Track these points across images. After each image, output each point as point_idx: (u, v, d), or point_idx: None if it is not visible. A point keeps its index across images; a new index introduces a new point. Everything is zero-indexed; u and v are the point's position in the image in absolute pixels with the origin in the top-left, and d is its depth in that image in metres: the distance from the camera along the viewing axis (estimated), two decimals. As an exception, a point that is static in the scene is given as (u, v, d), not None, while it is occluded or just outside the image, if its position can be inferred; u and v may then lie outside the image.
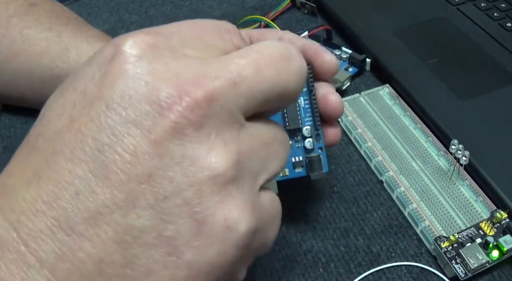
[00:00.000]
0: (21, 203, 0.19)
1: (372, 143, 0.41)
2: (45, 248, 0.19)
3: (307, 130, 0.32)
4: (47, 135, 0.21)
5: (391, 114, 0.43)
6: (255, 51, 0.22)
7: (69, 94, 0.21)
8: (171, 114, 0.19)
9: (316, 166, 0.32)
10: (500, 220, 0.34)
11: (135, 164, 0.19)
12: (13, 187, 0.20)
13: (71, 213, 0.19)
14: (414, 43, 0.48)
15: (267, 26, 0.50)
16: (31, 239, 0.19)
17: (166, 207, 0.19)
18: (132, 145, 0.19)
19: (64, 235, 0.19)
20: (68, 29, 0.42)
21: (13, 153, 0.23)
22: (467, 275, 0.32)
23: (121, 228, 0.19)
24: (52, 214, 0.19)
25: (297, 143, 0.32)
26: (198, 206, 0.20)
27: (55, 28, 0.42)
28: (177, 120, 0.19)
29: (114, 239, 0.19)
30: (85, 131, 0.19)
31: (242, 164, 0.21)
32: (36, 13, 0.43)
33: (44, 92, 0.43)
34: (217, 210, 0.20)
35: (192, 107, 0.19)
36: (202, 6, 0.59)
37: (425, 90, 0.44)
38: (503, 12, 0.50)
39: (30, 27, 0.42)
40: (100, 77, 0.20)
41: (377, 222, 0.37)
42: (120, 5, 0.60)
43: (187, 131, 0.19)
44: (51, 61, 0.41)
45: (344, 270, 0.34)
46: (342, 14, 0.52)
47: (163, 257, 0.20)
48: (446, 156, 0.39)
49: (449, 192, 0.37)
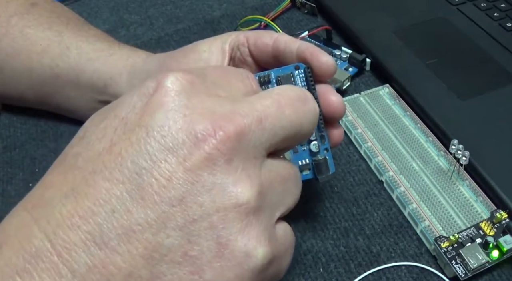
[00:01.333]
0: (57, 216, 0.21)
1: (372, 143, 0.41)
2: (78, 260, 0.20)
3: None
4: (87, 155, 0.22)
5: (391, 114, 0.43)
6: (276, 93, 0.25)
7: (111, 120, 0.23)
8: (206, 146, 0.21)
9: (323, 169, 0.32)
10: (500, 220, 0.34)
11: (169, 188, 0.21)
12: (50, 200, 0.21)
13: (105, 229, 0.20)
14: (414, 43, 0.48)
15: (267, 26, 0.50)
16: (64, 251, 0.20)
17: (193, 229, 0.21)
18: (168, 170, 0.21)
19: (97, 248, 0.20)
20: (69, 29, 0.43)
21: (13, 153, 0.23)
22: (467, 275, 0.32)
23: (151, 246, 0.21)
24: (87, 228, 0.20)
25: (302, 146, 0.32)
26: (222, 231, 0.22)
27: (55, 27, 0.42)
28: (211, 152, 0.21)
29: (143, 255, 0.20)
30: (125, 155, 0.21)
31: (263, 197, 0.23)
32: (36, 12, 0.43)
33: (44, 92, 0.43)
34: (239, 236, 0.22)
35: (225, 140, 0.22)
36: (202, 6, 0.59)
37: (425, 90, 0.44)
38: (503, 12, 0.50)
39: (31, 27, 0.42)
40: (141, 107, 0.22)
41: (377, 222, 0.37)
42: (120, 5, 0.60)
43: (219, 162, 0.22)
44: (51, 60, 0.41)
45: (344, 270, 0.34)
46: (342, 14, 0.52)
47: (186, 275, 0.21)
48: (446, 156, 0.39)
49: (449, 192, 0.37)
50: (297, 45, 0.33)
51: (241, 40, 0.36)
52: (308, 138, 0.30)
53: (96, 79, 0.40)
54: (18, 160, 0.43)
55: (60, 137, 0.45)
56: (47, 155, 0.43)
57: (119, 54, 0.41)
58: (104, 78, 0.40)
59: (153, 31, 0.56)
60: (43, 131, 0.46)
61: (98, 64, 0.40)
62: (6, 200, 0.40)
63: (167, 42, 0.54)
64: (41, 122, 0.46)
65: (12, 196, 0.41)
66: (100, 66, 0.40)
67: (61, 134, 0.45)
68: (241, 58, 0.36)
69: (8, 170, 0.43)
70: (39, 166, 0.43)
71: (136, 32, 0.56)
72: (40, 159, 0.43)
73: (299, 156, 0.32)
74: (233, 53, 0.36)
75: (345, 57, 0.48)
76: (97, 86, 0.40)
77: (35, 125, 0.46)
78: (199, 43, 0.37)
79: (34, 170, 0.42)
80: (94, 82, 0.40)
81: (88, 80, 0.41)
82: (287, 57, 0.34)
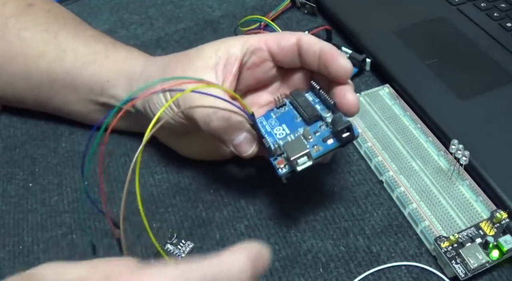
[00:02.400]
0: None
1: (372, 143, 0.41)
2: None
3: (323, 110, 0.34)
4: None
5: (391, 114, 0.43)
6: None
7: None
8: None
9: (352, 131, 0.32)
10: (500, 220, 0.34)
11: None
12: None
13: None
14: (414, 43, 0.48)
15: (267, 26, 0.50)
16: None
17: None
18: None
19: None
20: (65, 30, 0.42)
21: (13, 153, 0.23)
22: (467, 275, 0.32)
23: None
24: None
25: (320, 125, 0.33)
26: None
27: (51, 29, 0.42)
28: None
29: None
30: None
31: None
32: (33, 13, 0.43)
33: (42, 96, 0.43)
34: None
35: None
36: (202, 6, 0.59)
37: (425, 90, 0.44)
38: (503, 12, 0.50)
39: (27, 29, 0.42)
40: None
41: (377, 222, 0.37)
42: (120, 5, 0.60)
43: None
44: (48, 64, 0.41)
45: (344, 270, 0.34)
46: (342, 14, 0.52)
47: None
48: (446, 156, 0.39)
49: (449, 192, 0.37)
50: (319, 46, 0.34)
51: (257, 44, 0.36)
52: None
53: (94, 83, 0.40)
54: (18, 160, 0.43)
55: (60, 137, 0.45)
56: (47, 155, 0.43)
57: (114, 57, 0.40)
58: (101, 82, 0.40)
59: (153, 31, 0.56)
60: (43, 131, 0.46)
61: (94, 67, 0.40)
62: (6, 200, 0.41)
63: (167, 42, 0.54)
64: (41, 122, 0.46)
65: (12, 196, 0.41)
66: (96, 69, 0.40)
67: (61, 134, 0.45)
68: (256, 62, 0.36)
69: (8, 170, 0.43)
70: (39, 166, 0.43)
71: (136, 32, 0.56)
72: (40, 159, 0.43)
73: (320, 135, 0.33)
74: (245, 58, 0.36)
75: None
76: (95, 89, 0.40)
77: (35, 125, 0.46)
78: (204, 47, 0.36)
79: (34, 170, 0.42)
80: (92, 85, 0.40)
81: (85, 84, 0.41)
82: (310, 57, 0.35)
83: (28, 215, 0.39)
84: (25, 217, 0.39)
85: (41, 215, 0.39)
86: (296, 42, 0.35)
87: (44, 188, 0.41)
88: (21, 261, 0.37)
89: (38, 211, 0.40)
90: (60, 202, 0.40)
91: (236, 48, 0.35)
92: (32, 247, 0.37)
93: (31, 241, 0.38)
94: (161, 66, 0.38)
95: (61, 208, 0.40)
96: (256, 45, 0.36)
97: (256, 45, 0.36)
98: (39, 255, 0.37)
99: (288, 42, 0.35)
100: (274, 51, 0.36)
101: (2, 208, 0.40)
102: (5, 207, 0.40)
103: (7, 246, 0.38)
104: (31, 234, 0.38)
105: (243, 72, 0.37)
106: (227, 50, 0.35)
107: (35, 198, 0.40)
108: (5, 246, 0.38)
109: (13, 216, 0.39)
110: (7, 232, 0.38)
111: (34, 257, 0.37)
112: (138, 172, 0.29)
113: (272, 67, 0.37)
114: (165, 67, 0.37)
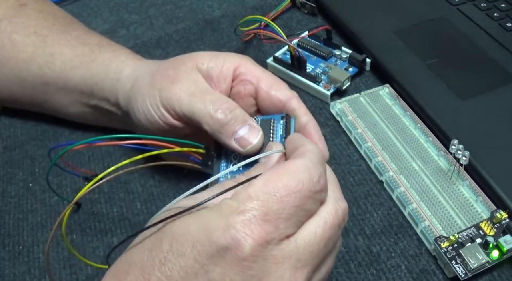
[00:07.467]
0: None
1: (372, 143, 0.41)
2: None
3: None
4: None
5: (391, 114, 0.43)
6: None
7: (193, 265, 0.24)
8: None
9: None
10: (500, 220, 0.34)
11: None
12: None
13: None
14: (414, 43, 0.48)
15: (267, 26, 0.50)
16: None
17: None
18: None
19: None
20: (53, 31, 0.42)
21: (13, 153, 0.23)
22: (467, 275, 0.32)
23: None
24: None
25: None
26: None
27: (41, 31, 0.42)
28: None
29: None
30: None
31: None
32: (25, 15, 0.43)
33: (36, 98, 0.43)
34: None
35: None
36: (202, 6, 0.59)
37: (425, 90, 0.44)
38: (503, 12, 0.50)
39: (18, 32, 0.42)
40: (222, 272, 0.23)
41: (377, 222, 0.37)
42: (120, 5, 0.60)
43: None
44: (39, 68, 0.41)
45: (344, 270, 0.34)
46: (342, 14, 0.52)
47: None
48: (446, 156, 0.39)
49: (449, 192, 0.37)
50: (305, 120, 0.34)
51: (250, 78, 0.35)
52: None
53: (83, 85, 0.40)
54: (18, 160, 0.43)
55: (60, 137, 0.45)
56: (47, 155, 0.43)
57: (100, 59, 0.40)
58: (89, 84, 0.40)
59: (153, 31, 0.56)
60: (43, 131, 0.46)
61: (82, 71, 0.40)
62: (6, 200, 0.41)
63: (167, 42, 0.54)
64: (41, 122, 0.46)
65: (12, 196, 0.41)
66: (84, 73, 0.40)
67: (61, 134, 0.45)
68: (242, 94, 0.35)
69: (8, 170, 0.43)
70: (39, 166, 0.43)
71: (136, 32, 0.56)
72: (40, 159, 0.43)
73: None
74: (235, 82, 0.35)
75: (345, 57, 0.48)
76: (85, 92, 0.40)
77: (35, 125, 0.46)
78: (199, 54, 0.36)
79: (34, 170, 0.42)
80: (81, 88, 0.40)
81: (76, 87, 0.41)
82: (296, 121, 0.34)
83: (28, 215, 0.39)
84: (25, 217, 0.39)
85: (41, 215, 0.39)
86: (285, 103, 0.34)
87: (44, 188, 0.41)
88: (21, 261, 0.37)
89: (38, 211, 0.40)
90: (60, 202, 0.40)
91: (231, 64, 0.35)
92: (32, 247, 0.37)
93: (31, 241, 0.38)
94: (152, 67, 0.37)
95: (61, 208, 0.40)
96: (249, 78, 0.35)
97: (249, 78, 0.35)
98: (39, 255, 0.37)
99: (278, 98, 0.34)
100: (262, 95, 0.35)
101: (2, 208, 0.40)
102: (5, 207, 0.40)
103: (7, 246, 0.38)
104: (31, 234, 0.38)
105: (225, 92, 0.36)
106: (221, 64, 0.35)
107: (35, 198, 0.40)
108: (5, 246, 0.38)
109: (13, 216, 0.39)
110: (7, 232, 0.38)
111: (34, 257, 0.37)
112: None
113: (253, 104, 0.36)
114: (157, 68, 0.36)
